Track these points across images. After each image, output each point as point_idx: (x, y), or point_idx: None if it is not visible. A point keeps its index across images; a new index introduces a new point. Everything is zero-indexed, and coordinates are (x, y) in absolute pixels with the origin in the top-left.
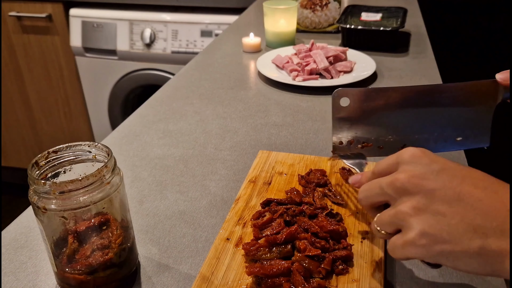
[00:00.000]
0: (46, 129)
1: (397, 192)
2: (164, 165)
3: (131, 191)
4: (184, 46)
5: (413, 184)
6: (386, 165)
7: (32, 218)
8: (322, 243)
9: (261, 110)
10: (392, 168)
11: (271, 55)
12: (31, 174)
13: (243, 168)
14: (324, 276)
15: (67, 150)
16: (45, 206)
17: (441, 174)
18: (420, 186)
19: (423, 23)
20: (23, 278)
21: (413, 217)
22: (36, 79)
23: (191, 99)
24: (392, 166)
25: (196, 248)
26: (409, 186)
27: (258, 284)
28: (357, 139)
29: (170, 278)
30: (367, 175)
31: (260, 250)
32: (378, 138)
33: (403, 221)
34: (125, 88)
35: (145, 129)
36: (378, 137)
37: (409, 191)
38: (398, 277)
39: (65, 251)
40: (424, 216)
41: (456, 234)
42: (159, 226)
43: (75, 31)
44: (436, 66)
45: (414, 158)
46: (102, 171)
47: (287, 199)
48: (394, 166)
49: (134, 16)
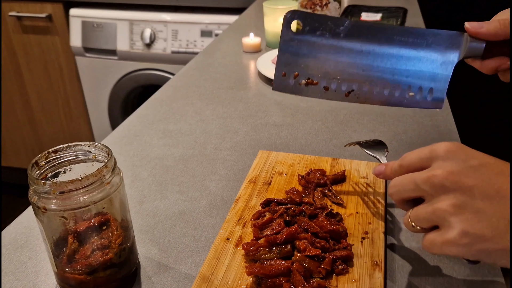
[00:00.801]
0: (46, 129)
1: (435, 189)
2: (164, 165)
3: (131, 191)
4: (184, 46)
5: (451, 181)
6: (417, 159)
7: (32, 218)
8: (322, 243)
9: (261, 110)
10: (425, 163)
11: (271, 55)
12: (31, 174)
13: (243, 168)
14: (324, 276)
15: (67, 150)
16: (45, 206)
17: (479, 170)
18: (458, 183)
19: (423, 23)
20: (23, 278)
21: (453, 216)
22: (36, 79)
23: (191, 99)
24: (425, 160)
25: (196, 248)
26: (447, 183)
27: (258, 284)
28: (302, 73)
29: (170, 278)
30: (392, 167)
31: (260, 250)
32: (325, 77)
33: (442, 219)
34: (125, 88)
35: (145, 129)
36: (324, 76)
37: (448, 188)
38: (398, 277)
39: (65, 251)
40: (465, 214)
41: (498, 232)
42: (159, 226)
43: (75, 31)
44: None
45: (450, 154)
46: (102, 171)
47: (287, 199)
48: (426, 161)
49: (134, 16)
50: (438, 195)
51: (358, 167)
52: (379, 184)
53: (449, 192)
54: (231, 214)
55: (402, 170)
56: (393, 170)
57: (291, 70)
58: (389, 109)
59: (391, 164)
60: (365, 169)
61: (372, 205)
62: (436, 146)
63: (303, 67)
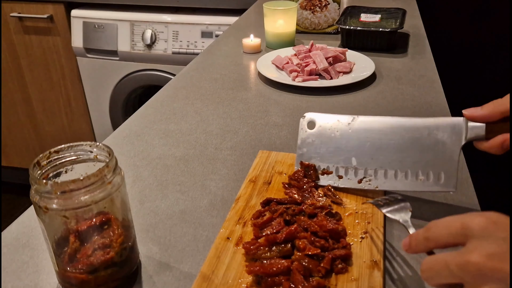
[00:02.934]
0: (47, 129)
1: (473, 278)
2: (165, 165)
3: (132, 191)
4: (185, 47)
5: (490, 269)
6: (448, 235)
7: (33, 217)
8: (322, 242)
9: (261, 111)
10: (457, 239)
11: (271, 56)
12: (33, 174)
13: (243, 168)
14: (323, 275)
15: (69, 150)
16: (47, 205)
17: None
18: (499, 271)
19: (422, 24)
20: (25, 277)
21: None
22: (38, 79)
23: (192, 99)
24: (456, 237)
25: (196, 247)
26: (485, 271)
27: (258, 283)
28: (318, 164)
29: (171, 277)
30: (417, 238)
31: (260, 249)
32: (338, 167)
33: None
34: (126, 89)
35: (146, 129)
36: (338, 166)
37: (487, 276)
38: (398, 276)
39: (66, 250)
40: None
41: None
42: (160, 225)
43: (76, 32)
44: (434, 67)
45: (487, 231)
46: (103, 171)
47: (287, 199)
48: (459, 238)
49: (135, 17)
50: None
51: None
52: None
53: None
54: (232, 214)
55: (430, 244)
56: (419, 243)
57: (309, 161)
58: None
59: (416, 235)
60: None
61: (371, 204)
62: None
63: (319, 159)
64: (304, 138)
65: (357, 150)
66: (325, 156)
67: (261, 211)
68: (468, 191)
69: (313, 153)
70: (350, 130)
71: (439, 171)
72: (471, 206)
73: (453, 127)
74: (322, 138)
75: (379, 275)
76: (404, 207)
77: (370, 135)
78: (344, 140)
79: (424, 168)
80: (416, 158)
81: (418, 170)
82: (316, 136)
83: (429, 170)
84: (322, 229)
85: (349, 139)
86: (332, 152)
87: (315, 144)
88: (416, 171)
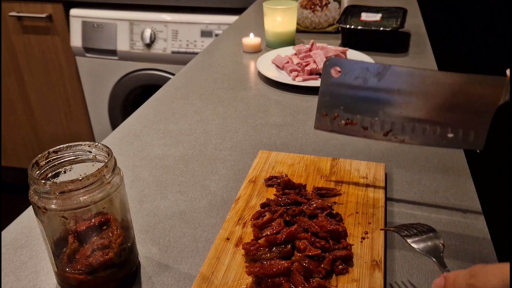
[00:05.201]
0: (46, 129)
1: None
2: (164, 165)
3: (131, 191)
4: (184, 46)
5: None
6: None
7: (32, 218)
8: (322, 243)
9: (261, 110)
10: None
11: (271, 55)
12: (32, 174)
13: (243, 168)
14: (324, 276)
15: (68, 150)
16: (46, 206)
17: None
18: None
19: (422, 23)
20: (24, 278)
21: None
22: (37, 79)
23: (191, 99)
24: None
25: (196, 248)
26: None
27: (258, 284)
28: (342, 114)
29: (170, 278)
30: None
31: (260, 250)
32: (364, 118)
33: None
34: (125, 88)
35: (145, 129)
36: (364, 117)
37: None
38: (398, 277)
39: (65, 251)
40: None
41: None
42: (159, 226)
43: (75, 31)
44: (435, 66)
45: None
46: (102, 171)
47: (287, 199)
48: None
49: (134, 16)
50: None
51: (358, 167)
52: (379, 183)
53: None
54: (231, 214)
55: None
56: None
57: (331, 111)
58: None
59: (457, 281)
60: (365, 169)
61: (372, 205)
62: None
63: (342, 108)
64: (327, 85)
65: (385, 102)
66: (350, 105)
67: (261, 211)
68: (469, 191)
69: (336, 102)
70: (380, 80)
71: (469, 128)
72: (472, 209)
73: (493, 85)
74: (347, 87)
75: (380, 276)
76: (434, 238)
77: (401, 87)
78: (372, 90)
79: (454, 124)
80: (447, 113)
81: (448, 126)
82: (341, 84)
83: (459, 127)
84: (322, 229)
85: (377, 90)
86: (358, 102)
87: (340, 92)
88: (446, 127)
